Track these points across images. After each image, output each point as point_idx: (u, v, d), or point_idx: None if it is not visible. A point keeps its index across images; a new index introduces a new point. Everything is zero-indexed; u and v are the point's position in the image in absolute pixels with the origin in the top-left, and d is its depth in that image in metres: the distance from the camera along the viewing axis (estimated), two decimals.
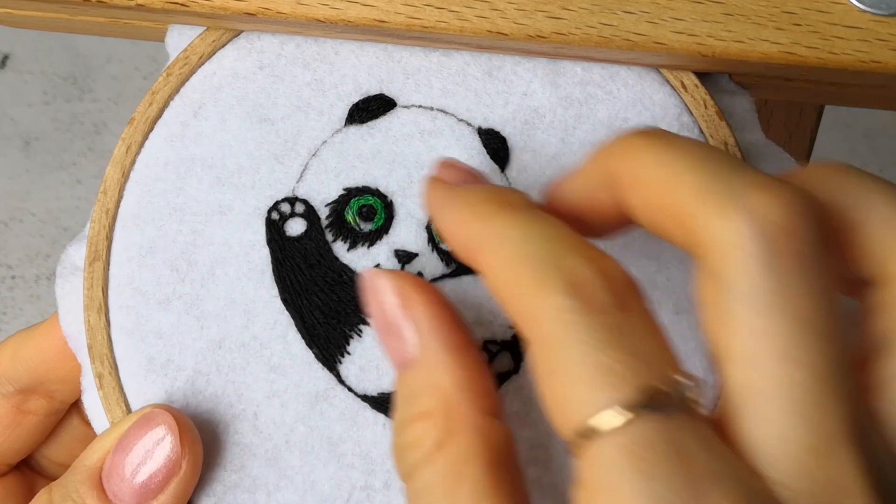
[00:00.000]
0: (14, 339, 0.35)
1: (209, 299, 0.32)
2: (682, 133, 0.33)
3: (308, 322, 0.32)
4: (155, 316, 0.32)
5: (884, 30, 0.31)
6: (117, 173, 0.33)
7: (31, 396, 0.35)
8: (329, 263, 0.32)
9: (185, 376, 0.32)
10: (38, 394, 0.35)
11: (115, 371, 0.32)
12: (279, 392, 0.32)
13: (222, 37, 0.33)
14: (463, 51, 0.33)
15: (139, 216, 0.32)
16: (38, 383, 0.35)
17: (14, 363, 0.35)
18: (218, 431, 0.32)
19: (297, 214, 0.32)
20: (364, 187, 0.33)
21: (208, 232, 0.32)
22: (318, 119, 0.33)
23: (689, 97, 0.33)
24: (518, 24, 0.31)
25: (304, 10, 0.31)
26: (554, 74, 0.33)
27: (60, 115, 1.05)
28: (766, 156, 0.34)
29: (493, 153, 0.33)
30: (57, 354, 0.35)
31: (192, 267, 0.32)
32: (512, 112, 0.33)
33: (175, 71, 0.33)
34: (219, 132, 0.33)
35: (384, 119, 0.33)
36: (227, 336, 0.32)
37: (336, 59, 0.33)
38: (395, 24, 0.31)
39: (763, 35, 0.31)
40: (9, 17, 0.35)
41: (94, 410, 0.32)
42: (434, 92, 0.33)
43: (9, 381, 0.35)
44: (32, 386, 0.35)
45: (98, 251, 0.32)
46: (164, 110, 0.33)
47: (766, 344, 0.23)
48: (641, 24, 0.31)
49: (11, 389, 0.35)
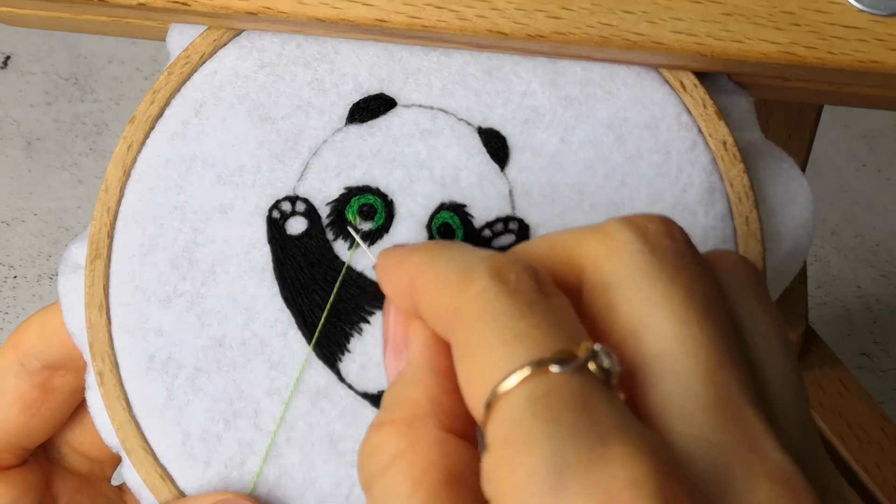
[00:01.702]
0: (40, 315, 0.34)
1: (210, 297, 0.32)
2: (681, 132, 0.33)
3: (309, 320, 0.32)
4: (156, 314, 0.32)
5: (882, 30, 0.31)
6: (118, 172, 0.33)
7: (57, 372, 0.34)
8: (330, 262, 0.32)
9: (185, 374, 0.32)
10: (64, 369, 0.34)
11: (115, 368, 0.32)
12: (280, 389, 0.32)
13: (223, 36, 0.33)
14: (463, 50, 0.33)
15: (140, 214, 0.33)
16: (66, 358, 0.34)
17: (41, 337, 0.34)
18: (219, 429, 0.32)
19: (298, 213, 0.33)
20: (365, 186, 0.33)
21: (209, 230, 0.32)
22: (318, 118, 0.33)
23: (688, 97, 0.33)
24: (518, 23, 0.31)
25: (305, 10, 0.31)
26: (554, 74, 0.33)
27: (62, 116, 1.05)
28: (764, 156, 0.34)
29: (493, 153, 0.33)
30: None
31: (192, 265, 0.32)
32: (512, 111, 0.33)
33: (176, 70, 0.33)
34: (220, 131, 0.33)
35: (384, 118, 0.33)
36: (228, 334, 0.32)
37: (337, 59, 0.33)
38: (396, 24, 0.31)
39: (762, 35, 0.31)
40: (11, 17, 0.35)
41: (95, 408, 0.33)
42: (434, 91, 0.33)
43: (35, 356, 0.34)
44: (60, 361, 0.34)
45: (99, 249, 0.32)
46: (165, 109, 0.33)
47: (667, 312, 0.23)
48: (641, 24, 0.31)
49: (38, 365, 0.34)
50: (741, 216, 0.32)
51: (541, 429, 0.22)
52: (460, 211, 0.32)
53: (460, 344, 0.24)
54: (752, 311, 0.26)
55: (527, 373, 0.22)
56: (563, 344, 0.23)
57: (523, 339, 0.23)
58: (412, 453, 0.25)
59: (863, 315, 0.95)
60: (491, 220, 0.33)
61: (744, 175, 0.32)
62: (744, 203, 0.32)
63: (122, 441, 0.32)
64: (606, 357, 0.23)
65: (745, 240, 0.32)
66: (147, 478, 0.32)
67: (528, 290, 0.24)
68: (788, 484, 0.22)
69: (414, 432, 0.25)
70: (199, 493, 0.31)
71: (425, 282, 0.26)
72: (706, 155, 0.33)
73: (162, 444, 0.32)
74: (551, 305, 0.24)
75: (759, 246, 0.32)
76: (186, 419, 0.32)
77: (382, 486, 0.25)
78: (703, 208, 0.32)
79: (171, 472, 0.32)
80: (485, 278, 0.24)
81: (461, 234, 0.32)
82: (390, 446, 0.25)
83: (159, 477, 0.32)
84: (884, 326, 0.95)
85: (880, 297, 0.96)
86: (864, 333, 0.94)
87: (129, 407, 0.32)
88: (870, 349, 0.94)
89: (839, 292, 0.96)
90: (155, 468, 0.32)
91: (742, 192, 0.32)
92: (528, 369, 0.22)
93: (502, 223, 0.33)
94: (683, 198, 0.32)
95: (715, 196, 0.32)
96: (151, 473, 0.32)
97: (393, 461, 0.25)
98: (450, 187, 0.33)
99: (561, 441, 0.22)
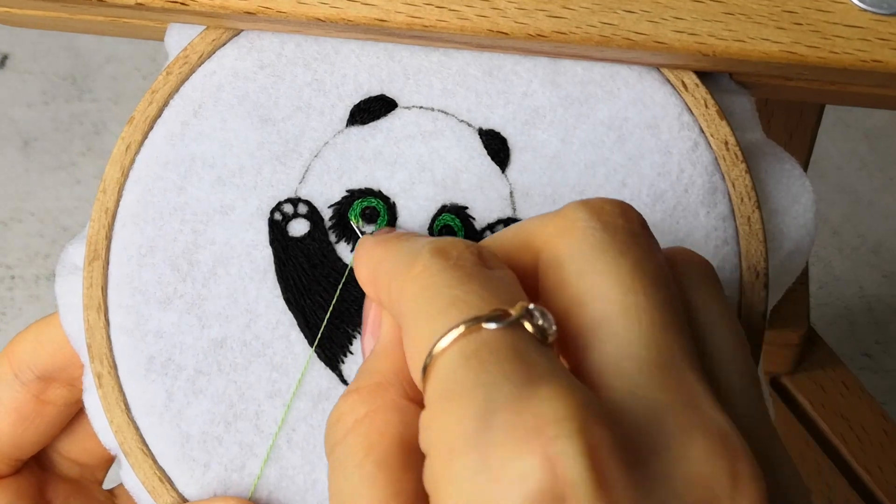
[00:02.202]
0: (36, 326, 0.35)
1: (211, 299, 0.32)
2: (682, 132, 0.33)
3: (311, 322, 0.32)
4: (155, 315, 0.32)
5: (884, 29, 0.31)
6: (117, 172, 0.33)
7: (51, 385, 0.35)
8: (332, 263, 0.32)
9: (185, 376, 0.32)
10: (58, 382, 0.35)
11: (114, 370, 0.32)
12: (281, 391, 0.32)
13: (222, 36, 0.33)
14: (463, 50, 0.33)
15: (139, 215, 0.32)
16: (59, 369, 0.34)
17: (36, 348, 0.34)
18: (219, 431, 0.32)
19: (299, 215, 0.32)
20: (367, 189, 0.33)
21: (210, 231, 0.32)
22: (319, 119, 0.33)
23: (689, 96, 0.33)
24: (518, 23, 0.31)
25: (305, 9, 0.31)
26: (554, 74, 0.33)
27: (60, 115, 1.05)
28: (766, 155, 0.34)
29: (494, 154, 0.33)
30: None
31: (193, 266, 0.32)
32: (512, 112, 0.33)
33: (175, 70, 0.33)
34: (219, 131, 0.33)
35: (385, 120, 0.33)
36: (229, 336, 0.32)
37: (337, 59, 0.33)
38: (396, 23, 0.31)
39: (764, 34, 0.31)
40: (8, 17, 0.35)
41: (93, 410, 0.32)
42: (435, 92, 0.33)
43: (29, 367, 0.34)
44: (54, 373, 0.34)
45: (97, 250, 0.32)
46: (163, 109, 0.33)
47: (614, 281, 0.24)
48: (642, 24, 0.31)
49: (32, 376, 0.34)
50: (743, 216, 0.32)
51: (472, 378, 0.22)
52: (462, 213, 0.32)
53: (404, 320, 0.25)
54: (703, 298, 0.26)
55: (461, 331, 0.23)
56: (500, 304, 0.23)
57: (459, 304, 0.23)
58: (370, 419, 0.25)
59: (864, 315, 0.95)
60: (492, 221, 0.32)
61: (746, 175, 0.32)
62: (746, 203, 0.32)
63: (120, 443, 0.32)
64: (541, 316, 0.23)
65: (748, 240, 0.32)
66: (146, 480, 0.31)
67: (469, 265, 0.24)
68: (724, 440, 0.22)
69: (375, 399, 0.26)
70: (199, 496, 0.31)
71: (381, 270, 0.27)
72: (708, 155, 0.33)
73: (161, 447, 0.32)
74: (491, 275, 0.24)
75: (761, 246, 0.32)
76: (186, 421, 0.32)
77: (340, 451, 0.25)
78: (704, 209, 0.32)
79: (171, 474, 0.32)
80: (426, 257, 0.25)
81: (462, 236, 0.32)
82: (354, 413, 0.26)
83: (158, 480, 0.31)
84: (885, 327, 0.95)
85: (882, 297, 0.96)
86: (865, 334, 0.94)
87: (128, 409, 0.32)
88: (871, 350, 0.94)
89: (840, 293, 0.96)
90: (154, 471, 0.31)
91: (744, 192, 0.32)
92: (462, 327, 0.23)
93: (503, 225, 0.32)
94: (685, 198, 0.32)
95: (717, 196, 0.32)
96: (151, 476, 0.31)
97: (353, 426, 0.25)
98: (451, 189, 0.32)
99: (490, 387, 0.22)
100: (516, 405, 0.21)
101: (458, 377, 0.22)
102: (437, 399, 0.23)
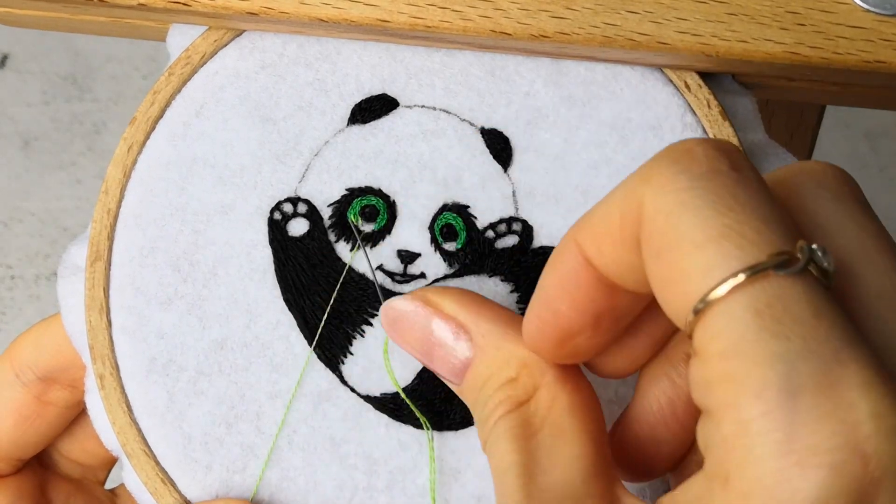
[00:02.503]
0: (37, 327, 0.35)
1: (211, 299, 0.32)
2: (685, 132, 0.33)
3: (310, 322, 0.32)
4: (156, 316, 0.32)
5: (888, 30, 0.31)
6: (119, 173, 0.33)
7: (52, 386, 0.35)
8: (332, 263, 0.32)
9: (186, 377, 0.32)
10: (59, 383, 0.35)
11: (116, 371, 0.32)
12: (282, 392, 0.32)
13: (224, 36, 0.33)
14: (466, 51, 0.33)
15: (141, 216, 0.32)
16: (60, 370, 0.34)
17: (37, 349, 0.34)
18: (221, 432, 0.32)
19: (299, 214, 0.32)
20: (366, 188, 0.33)
21: (210, 232, 0.32)
22: (320, 119, 0.33)
23: (692, 97, 0.33)
24: (521, 23, 0.31)
25: (307, 10, 0.31)
26: (557, 74, 0.33)
27: (60, 115, 1.05)
28: (768, 155, 0.34)
29: (496, 153, 0.33)
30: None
31: (193, 267, 0.32)
32: (515, 112, 0.33)
33: (177, 70, 0.33)
34: (221, 132, 0.33)
35: (387, 119, 0.33)
36: (230, 336, 0.32)
37: (338, 59, 0.33)
38: (398, 24, 0.31)
39: (767, 35, 0.31)
40: (9, 17, 0.35)
41: (95, 411, 0.32)
42: (437, 92, 0.33)
43: (31, 368, 0.34)
44: (54, 374, 0.34)
45: (99, 251, 0.32)
46: (165, 110, 0.33)
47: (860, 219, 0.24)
48: (645, 24, 0.31)
49: (33, 377, 0.34)
50: None
51: (769, 346, 0.20)
52: (463, 212, 0.32)
53: (652, 243, 0.22)
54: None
55: (741, 279, 0.21)
56: (778, 242, 0.21)
57: (733, 237, 0.21)
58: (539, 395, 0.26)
59: None
60: (494, 220, 0.32)
61: None
62: None
63: (122, 445, 0.32)
64: (824, 257, 0.22)
65: None
66: (148, 482, 0.31)
67: (720, 168, 0.22)
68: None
69: (534, 377, 0.26)
70: (201, 497, 0.31)
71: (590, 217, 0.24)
72: None
73: (163, 448, 0.32)
74: (748, 187, 0.22)
75: None
76: (188, 422, 0.32)
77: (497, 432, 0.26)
78: None
79: (173, 475, 0.31)
80: (667, 166, 0.22)
81: (464, 235, 0.32)
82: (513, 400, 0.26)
83: (160, 481, 0.31)
84: None
85: None
86: None
87: (130, 410, 0.32)
88: None
89: None
90: (156, 472, 0.31)
91: None
92: (742, 276, 0.21)
93: (505, 224, 0.32)
94: None
95: None
96: (153, 477, 0.31)
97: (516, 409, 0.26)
98: (452, 188, 0.32)
99: (793, 359, 0.20)
100: (826, 390, 0.20)
101: (750, 337, 0.21)
102: (721, 357, 0.21)
